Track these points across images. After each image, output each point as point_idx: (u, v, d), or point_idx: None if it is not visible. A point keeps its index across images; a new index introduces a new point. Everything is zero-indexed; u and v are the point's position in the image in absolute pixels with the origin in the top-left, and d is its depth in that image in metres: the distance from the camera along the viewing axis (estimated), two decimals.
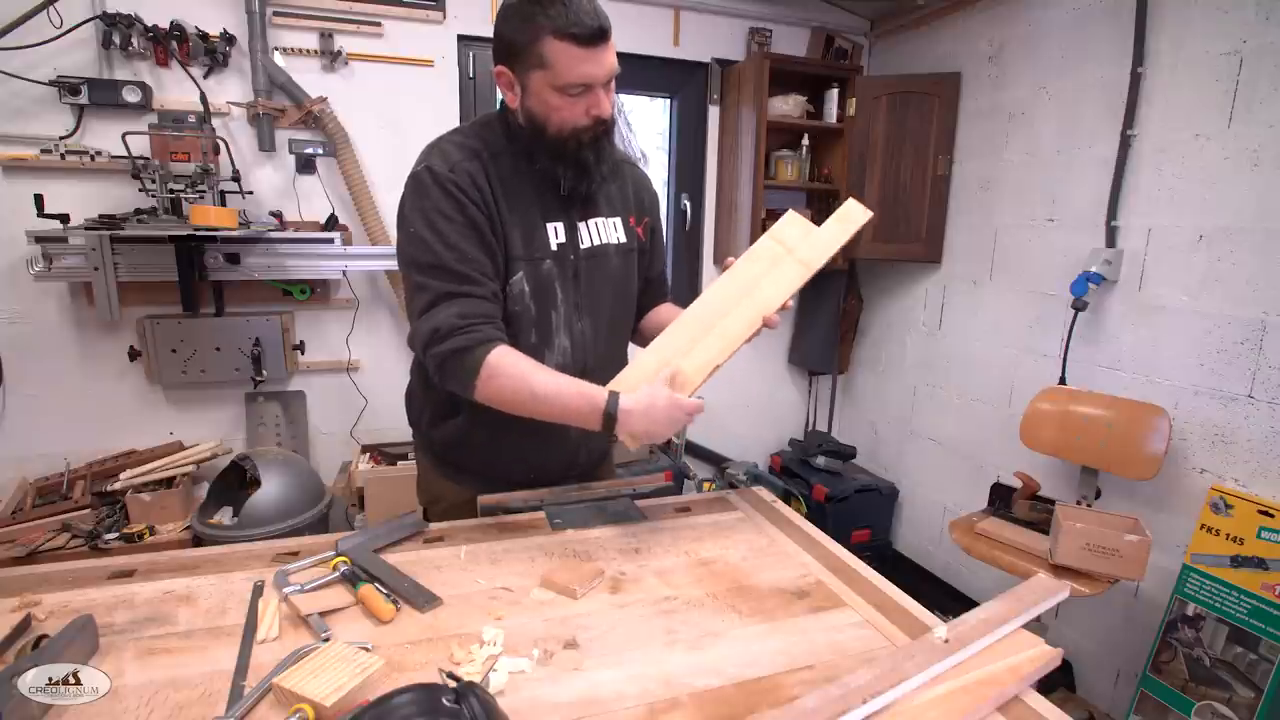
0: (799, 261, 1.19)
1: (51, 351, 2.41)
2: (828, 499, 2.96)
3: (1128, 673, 2.15)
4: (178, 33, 2.31)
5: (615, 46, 1.10)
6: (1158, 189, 2.05)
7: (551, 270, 1.20)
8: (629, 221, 1.31)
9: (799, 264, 1.18)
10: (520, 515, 1.27)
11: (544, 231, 1.19)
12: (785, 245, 1.21)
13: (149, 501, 2.24)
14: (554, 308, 1.21)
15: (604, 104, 1.10)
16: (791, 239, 1.22)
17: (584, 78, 1.06)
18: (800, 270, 1.18)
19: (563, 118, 1.10)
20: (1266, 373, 1.81)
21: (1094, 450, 2.10)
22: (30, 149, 2.26)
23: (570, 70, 1.05)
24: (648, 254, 1.38)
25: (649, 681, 0.82)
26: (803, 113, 2.99)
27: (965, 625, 0.85)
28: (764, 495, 1.40)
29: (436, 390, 1.25)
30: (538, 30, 1.03)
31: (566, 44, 1.03)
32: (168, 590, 0.99)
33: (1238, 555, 1.79)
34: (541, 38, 1.03)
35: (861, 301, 3.30)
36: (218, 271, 2.39)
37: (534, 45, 1.05)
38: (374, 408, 2.75)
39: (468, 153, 1.15)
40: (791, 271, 1.18)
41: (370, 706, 0.64)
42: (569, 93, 1.08)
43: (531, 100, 1.11)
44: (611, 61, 1.09)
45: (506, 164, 1.17)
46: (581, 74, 1.06)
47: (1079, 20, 2.28)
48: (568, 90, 1.07)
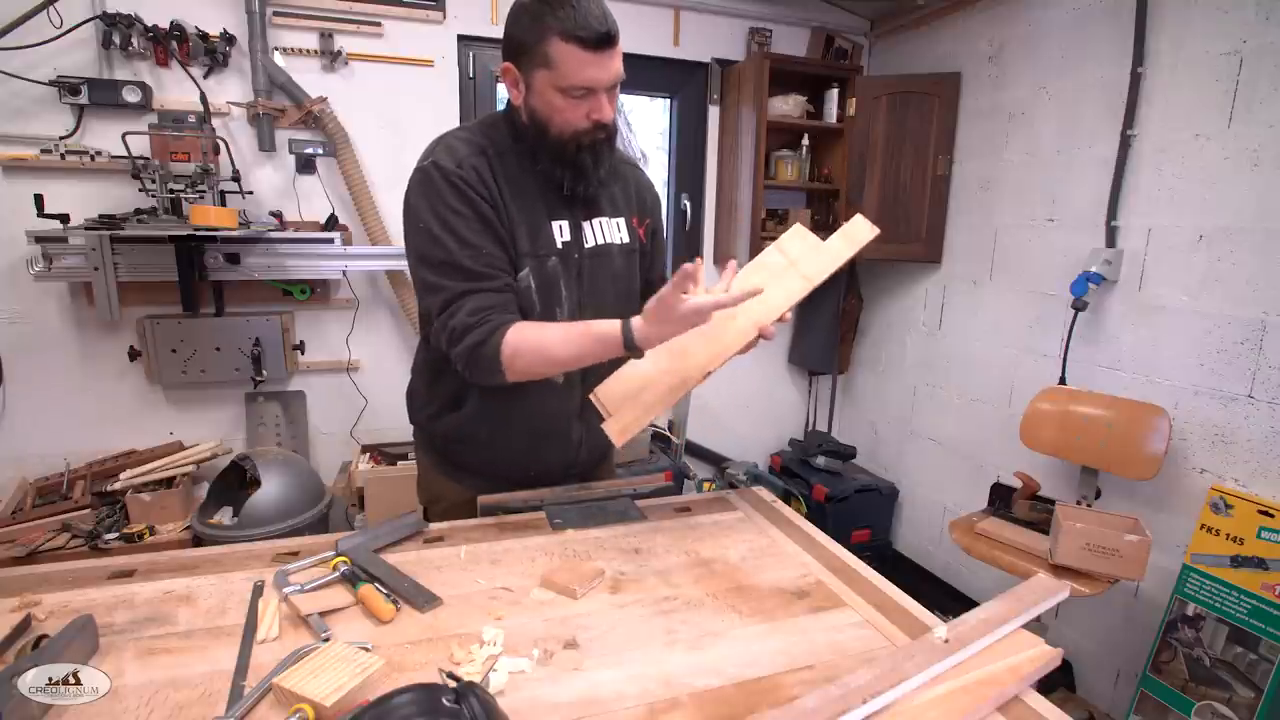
0: (801, 275, 1.17)
1: (51, 351, 2.41)
2: (828, 499, 2.96)
3: (1128, 673, 2.15)
4: (178, 33, 2.31)
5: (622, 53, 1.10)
6: (1158, 189, 2.05)
7: (556, 267, 1.21)
8: (632, 222, 1.32)
9: (801, 278, 1.17)
10: (520, 515, 1.27)
11: (549, 229, 1.20)
12: (789, 257, 1.20)
13: (149, 501, 2.24)
14: (558, 304, 1.22)
15: (605, 109, 1.11)
16: (795, 251, 1.21)
17: (587, 81, 1.07)
18: (802, 284, 1.16)
19: (564, 119, 1.11)
20: (1266, 373, 1.81)
21: (1094, 450, 2.10)
22: (30, 149, 2.26)
23: (574, 72, 1.06)
24: (648, 256, 1.38)
25: (649, 681, 0.82)
26: (803, 113, 2.99)
27: (965, 625, 0.85)
28: (764, 495, 1.40)
29: (440, 385, 1.26)
30: (545, 30, 1.04)
31: (573, 46, 1.03)
32: (168, 590, 0.99)
33: (1238, 555, 1.79)
34: (548, 38, 1.04)
35: (861, 301, 3.30)
36: (218, 271, 2.39)
37: (541, 45, 1.05)
38: (374, 408, 2.75)
39: (474, 149, 1.16)
40: (793, 285, 1.17)
41: (370, 706, 0.64)
42: (572, 95, 1.08)
43: (535, 99, 1.11)
44: (616, 68, 1.09)
45: (512, 162, 1.18)
46: (585, 77, 1.06)
47: (1079, 20, 2.28)
48: (570, 92, 1.08)
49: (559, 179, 1.17)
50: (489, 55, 2.77)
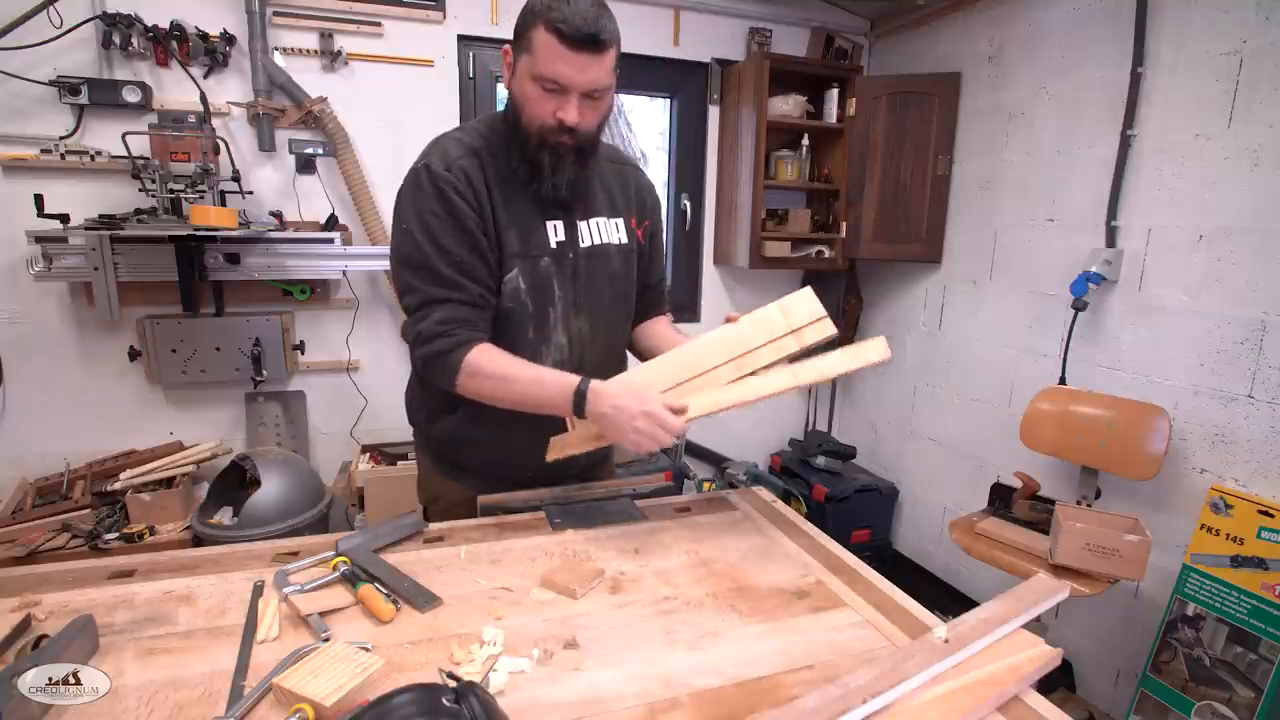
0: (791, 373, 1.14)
1: (51, 351, 2.41)
2: (828, 499, 2.96)
3: (1128, 673, 2.15)
4: (178, 33, 2.31)
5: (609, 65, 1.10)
6: (1158, 189, 2.05)
7: (549, 268, 1.21)
8: (630, 223, 1.32)
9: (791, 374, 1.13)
10: (520, 515, 1.27)
11: (543, 230, 1.20)
12: (788, 319, 1.18)
13: (149, 501, 2.24)
14: (551, 304, 1.22)
15: (571, 111, 1.09)
16: (800, 315, 1.18)
17: (557, 75, 1.07)
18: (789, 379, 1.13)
19: (533, 110, 1.11)
20: (1266, 373, 1.81)
21: (1094, 450, 2.10)
22: (30, 149, 2.26)
23: (546, 63, 1.07)
24: (645, 257, 1.38)
25: (649, 681, 0.82)
26: (803, 113, 2.99)
27: (965, 625, 0.85)
28: (764, 495, 1.40)
29: (435, 388, 1.26)
30: (536, 17, 1.06)
31: (552, 37, 1.05)
32: (168, 590, 0.99)
33: (1238, 555, 1.79)
34: (536, 25, 1.06)
35: (861, 301, 3.30)
36: (218, 271, 2.39)
37: (529, 30, 1.07)
38: (374, 408, 2.76)
39: (467, 150, 1.17)
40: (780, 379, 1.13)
41: (370, 706, 0.64)
42: (542, 85, 1.09)
43: (515, 84, 1.14)
44: (593, 75, 1.08)
45: (504, 161, 1.18)
46: (555, 71, 1.07)
47: (1079, 20, 2.28)
48: (541, 82, 1.08)
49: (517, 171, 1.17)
50: (489, 55, 2.77)
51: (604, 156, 1.30)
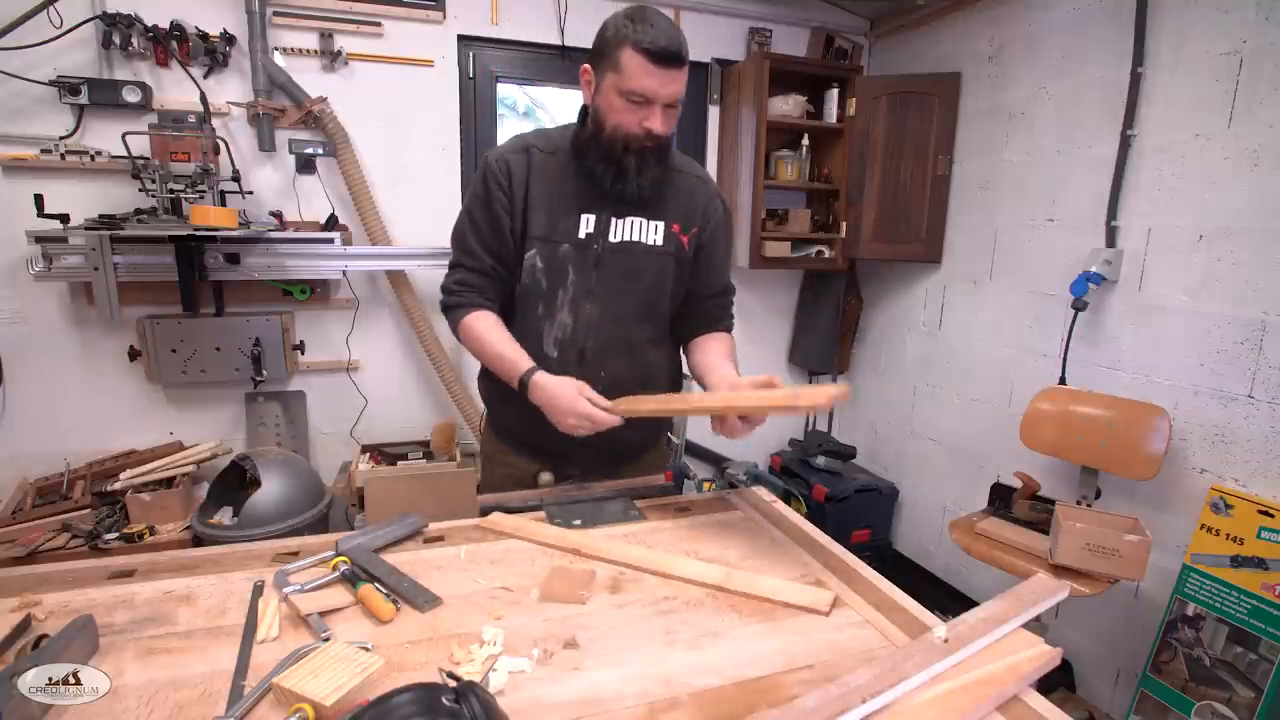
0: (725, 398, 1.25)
1: (51, 351, 2.41)
2: (828, 499, 2.96)
3: (1128, 673, 2.15)
4: (178, 33, 2.31)
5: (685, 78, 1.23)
6: (1158, 189, 2.05)
7: (568, 254, 1.32)
8: (673, 228, 1.37)
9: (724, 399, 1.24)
10: (520, 515, 1.27)
11: (574, 219, 1.32)
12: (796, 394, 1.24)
13: (149, 501, 2.24)
14: (562, 286, 1.34)
15: (657, 120, 1.23)
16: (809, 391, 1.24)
17: (645, 89, 1.20)
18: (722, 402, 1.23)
19: (618, 120, 1.24)
20: (1266, 373, 1.81)
21: (1094, 450, 2.10)
22: (30, 149, 2.26)
23: (635, 79, 1.19)
24: (688, 264, 1.41)
25: (649, 681, 0.82)
26: (803, 113, 2.99)
27: (965, 625, 0.85)
28: (764, 495, 1.40)
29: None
30: (623, 40, 1.19)
31: (640, 56, 1.18)
32: (168, 590, 0.99)
33: (1238, 555, 1.79)
34: (623, 46, 1.19)
35: (861, 301, 3.30)
36: (218, 271, 2.39)
37: (615, 51, 1.20)
38: (374, 408, 2.76)
39: (520, 146, 1.34)
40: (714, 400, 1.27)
41: (370, 706, 0.64)
42: (630, 99, 1.21)
43: (600, 99, 1.26)
44: (675, 88, 1.22)
45: (557, 159, 1.33)
46: (643, 85, 1.20)
47: (1079, 20, 2.28)
48: (629, 96, 1.21)
49: (600, 175, 1.29)
50: (489, 55, 2.77)
51: (678, 166, 1.39)
